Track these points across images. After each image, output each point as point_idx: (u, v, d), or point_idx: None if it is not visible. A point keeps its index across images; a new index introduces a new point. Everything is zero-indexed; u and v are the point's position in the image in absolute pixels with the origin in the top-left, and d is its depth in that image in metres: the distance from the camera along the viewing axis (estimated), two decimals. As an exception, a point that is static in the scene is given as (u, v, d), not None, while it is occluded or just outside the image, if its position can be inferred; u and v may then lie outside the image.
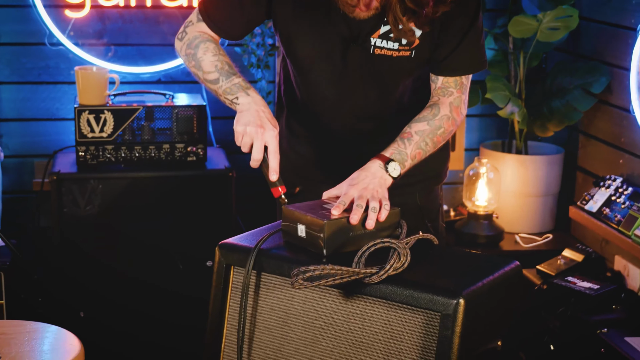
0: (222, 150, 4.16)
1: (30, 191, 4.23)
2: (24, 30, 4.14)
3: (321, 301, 2.22)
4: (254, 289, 2.30)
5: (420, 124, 2.49)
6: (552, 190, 4.23)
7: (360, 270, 2.13)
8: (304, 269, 2.11)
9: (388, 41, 2.48)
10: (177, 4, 4.18)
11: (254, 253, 2.27)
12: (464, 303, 2.04)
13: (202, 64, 2.50)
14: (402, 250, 2.17)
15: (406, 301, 2.11)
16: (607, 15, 3.98)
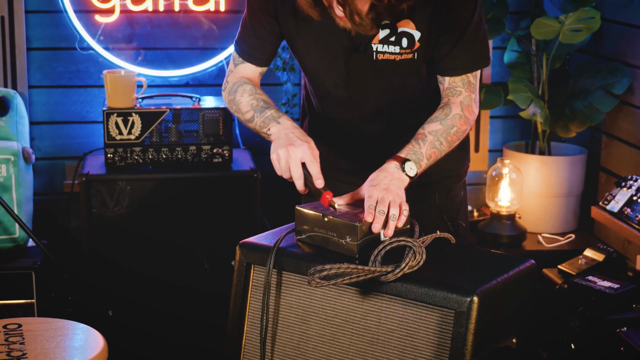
0: (248, 151, 4.17)
1: (61, 192, 4.26)
2: (55, 35, 4.17)
3: (339, 299, 2.24)
4: (274, 287, 2.33)
5: (433, 124, 2.49)
6: (575, 191, 4.22)
7: (377, 269, 2.16)
8: (320, 267, 2.13)
9: (389, 45, 2.49)
10: (205, 9, 4.20)
11: (273, 252, 2.30)
12: (477, 301, 2.06)
13: (240, 105, 2.58)
14: (418, 249, 2.19)
15: (421, 299, 2.12)
16: (629, 16, 3.97)
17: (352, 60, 2.53)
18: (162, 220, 3.86)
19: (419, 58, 2.52)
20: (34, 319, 2.65)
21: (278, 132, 2.44)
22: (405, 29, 2.48)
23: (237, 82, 2.64)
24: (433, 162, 2.49)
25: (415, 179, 2.41)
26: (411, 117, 2.59)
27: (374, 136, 2.68)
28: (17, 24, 4.10)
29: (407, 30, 2.48)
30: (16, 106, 3.96)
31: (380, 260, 2.18)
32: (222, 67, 4.28)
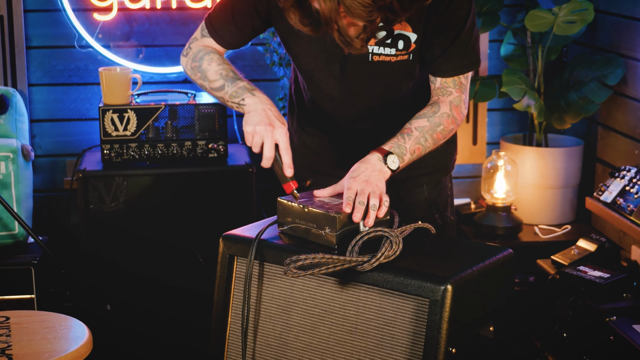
0: (244, 146, 4.19)
1: (62, 189, 4.30)
2: (54, 33, 4.20)
3: (318, 289, 2.26)
4: (256, 279, 2.35)
5: (420, 120, 2.51)
6: (572, 182, 4.22)
7: (353, 259, 2.17)
8: (295, 257, 2.15)
9: (385, 47, 2.49)
10: (202, 5, 4.23)
11: (254, 243, 2.32)
12: (451, 289, 2.08)
13: (207, 74, 2.56)
14: (394, 239, 2.21)
15: (397, 288, 2.14)
16: (623, 7, 3.97)
17: (348, 62, 2.54)
18: (158, 215, 3.88)
19: (413, 59, 2.53)
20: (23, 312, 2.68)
21: (254, 104, 2.43)
22: (402, 32, 2.48)
23: (202, 50, 2.61)
24: (416, 158, 2.50)
25: (397, 172, 2.43)
26: (402, 114, 2.60)
27: (364, 133, 2.69)
28: (16, 22, 4.13)
29: (404, 33, 2.48)
30: (15, 104, 3.99)
31: (358, 250, 2.20)
32: (219, 63, 4.30)
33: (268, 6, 2.55)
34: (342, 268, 2.17)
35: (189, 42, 2.66)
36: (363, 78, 2.57)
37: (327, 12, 2.16)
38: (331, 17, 2.17)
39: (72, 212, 4.22)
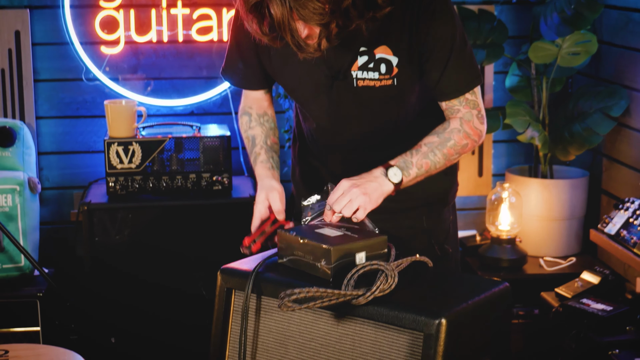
0: (250, 179, 4.20)
1: (69, 221, 4.31)
2: (62, 66, 4.23)
3: (315, 323, 2.26)
4: (254, 312, 2.34)
5: (429, 137, 2.52)
6: (578, 214, 4.21)
7: (347, 292, 2.17)
8: (290, 291, 2.15)
9: (368, 72, 2.50)
10: (208, 38, 4.26)
11: (252, 277, 2.33)
12: (446, 323, 2.07)
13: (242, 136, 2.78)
14: (390, 273, 2.21)
15: (392, 321, 2.14)
16: (626, 39, 3.98)
17: (334, 88, 2.56)
18: (163, 247, 3.89)
19: (398, 84, 2.53)
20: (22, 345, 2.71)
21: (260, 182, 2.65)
22: (383, 55, 2.49)
23: (240, 111, 2.77)
24: (426, 174, 2.51)
25: (400, 187, 2.44)
26: (398, 143, 2.60)
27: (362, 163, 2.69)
28: (25, 56, 4.16)
29: (385, 56, 2.49)
30: (23, 137, 4.01)
31: (353, 283, 2.21)
32: (225, 95, 4.32)
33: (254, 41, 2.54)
34: (338, 302, 2.17)
35: None
36: (350, 104, 2.58)
37: (280, 17, 2.20)
38: (284, 21, 2.21)
39: (79, 244, 4.23)
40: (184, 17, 4.23)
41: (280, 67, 2.60)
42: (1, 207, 3.83)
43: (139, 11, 4.22)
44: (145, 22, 4.23)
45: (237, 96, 4.28)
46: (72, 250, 4.26)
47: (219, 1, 4.23)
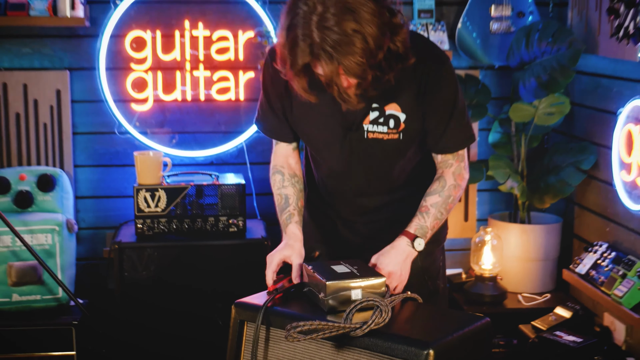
0: (262, 222, 4.20)
1: (101, 258, 4.31)
2: (97, 121, 4.25)
3: (318, 352, 2.25)
4: (263, 341, 2.34)
5: (433, 197, 2.55)
6: (552, 255, 4.21)
7: (346, 325, 2.18)
8: (295, 324, 2.16)
9: (378, 125, 2.53)
10: (227, 98, 4.28)
11: (262, 310, 2.33)
12: (433, 354, 2.07)
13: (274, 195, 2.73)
14: (384, 308, 2.22)
15: (385, 352, 2.14)
16: (595, 101, 4.00)
17: (348, 139, 2.57)
18: (184, 282, 3.88)
19: (404, 138, 2.55)
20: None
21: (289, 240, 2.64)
22: (392, 112, 2.51)
23: (272, 169, 2.74)
24: (436, 231, 2.57)
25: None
26: (395, 189, 2.65)
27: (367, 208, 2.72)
28: (64, 112, 4.19)
29: (394, 113, 2.51)
30: (62, 183, 4.04)
31: (352, 317, 2.21)
32: (241, 148, 4.33)
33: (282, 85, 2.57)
34: (338, 333, 2.18)
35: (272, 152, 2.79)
36: (360, 153, 2.59)
37: (329, 74, 2.25)
38: (332, 77, 2.25)
39: (110, 279, 4.23)
40: (205, 79, 4.26)
41: (300, 118, 2.61)
42: (42, 245, 3.85)
43: (166, 73, 4.25)
44: (171, 83, 4.26)
45: (252, 148, 4.32)
46: (105, 284, 4.27)
47: (236, 65, 4.26)
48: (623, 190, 3.63)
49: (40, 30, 4.17)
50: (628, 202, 3.60)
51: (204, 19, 4.24)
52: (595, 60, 3.95)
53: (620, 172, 3.64)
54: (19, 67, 4.18)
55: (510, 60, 4.09)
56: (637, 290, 3.35)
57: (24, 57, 4.19)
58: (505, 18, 4.24)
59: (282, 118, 2.65)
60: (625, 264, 3.50)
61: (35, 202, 3.98)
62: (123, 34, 4.21)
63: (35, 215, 3.91)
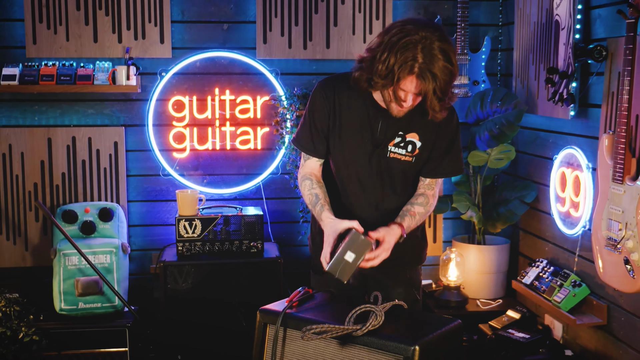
0: (276, 244, 4.17)
1: (149, 273, 4.28)
2: (146, 166, 4.24)
3: (327, 348, 2.24)
4: (282, 340, 2.32)
5: (419, 207, 2.55)
6: (502, 269, 4.19)
7: (349, 327, 2.16)
8: (309, 327, 2.15)
9: (399, 148, 2.53)
10: (247, 147, 4.27)
11: (281, 316, 2.31)
12: (418, 349, 2.06)
13: (304, 197, 2.64)
14: (379, 313, 2.20)
15: (380, 347, 2.12)
16: (535, 149, 4.00)
17: (375, 154, 2.55)
18: (216, 292, 3.84)
19: (415, 161, 2.55)
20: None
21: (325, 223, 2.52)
22: (412, 139, 2.53)
23: (302, 177, 2.66)
24: None
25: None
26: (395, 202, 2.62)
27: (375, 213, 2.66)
28: (120, 159, 4.18)
29: (413, 140, 2.53)
30: (118, 215, 4.02)
31: (353, 320, 2.19)
32: (259, 186, 4.31)
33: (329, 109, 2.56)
34: (342, 334, 2.16)
35: (299, 166, 2.72)
36: (381, 168, 2.57)
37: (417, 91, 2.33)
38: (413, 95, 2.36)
39: (155, 290, 4.20)
40: (230, 133, 4.26)
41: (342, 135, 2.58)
42: (102, 264, 3.82)
43: (200, 129, 4.24)
44: (204, 136, 4.25)
45: (267, 187, 4.31)
46: (151, 294, 4.23)
47: (255, 122, 4.26)
48: (559, 218, 3.62)
49: (102, 95, 4.17)
50: (563, 227, 3.59)
51: (230, 87, 4.24)
52: (534, 118, 3.96)
53: (556, 204, 3.64)
54: (85, 124, 4.17)
55: (469, 118, 4.10)
56: (572, 297, 3.33)
57: (89, 116, 4.18)
58: (463, 85, 4.25)
59: (321, 137, 2.60)
60: (562, 276, 3.48)
61: (97, 230, 3.96)
62: (167, 98, 4.20)
63: (97, 240, 3.89)
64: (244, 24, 4.22)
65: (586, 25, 3.31)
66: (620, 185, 2.77)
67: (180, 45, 4.19)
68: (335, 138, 2.60)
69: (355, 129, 2.55)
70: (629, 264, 2.73)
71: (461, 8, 4.15)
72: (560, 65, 3.40)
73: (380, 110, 2.51)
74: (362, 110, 2.52)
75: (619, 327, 3.19)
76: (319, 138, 2.62)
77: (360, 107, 2.52)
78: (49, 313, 3.81)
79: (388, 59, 2.29)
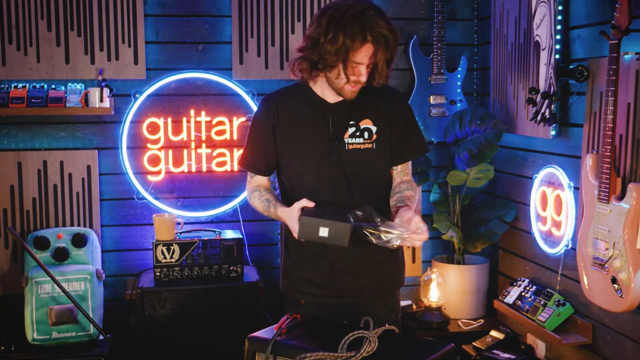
0: (254, 267, 4.12)
1: (123, 299, 4.20)
2: (120, 189, 4.18)
3: (318, 376, 2.21)
4: (272, 368, 2.29)
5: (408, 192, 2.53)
6: (482, 289, 4.19)
7: (343, 354, 2.13)
8: (304, 355, 2.11)
9: (356, 138, 2.51)
10: (224, 170, 4.23)
11: (271, 343, 2.27)
12: (415, 375, 2.04)
13: (256, 208, 2.63)
14: (372, 339, 2.17)
15: (376, 375, 2.10)
16: (514, 169, 4.03)
17: (333, 151, 2.52)
18: (194, 318, 3.79)
19: (377, 146, 2.53)
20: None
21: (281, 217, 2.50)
22: (366, 125, 2.51)
23: (250, 191, 2.66)
24: None
25: None
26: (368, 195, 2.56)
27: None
28: (93, 182, 4.11)
29: (368, 126, 2.51)
30: (92, 240, 3.95)
31: (346, 347, 2.16)
32: (235, 209, 4.27)
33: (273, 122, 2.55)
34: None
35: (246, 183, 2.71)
36: (343, 162, 2.53)
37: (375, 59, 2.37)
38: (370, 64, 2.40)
39: (131, 316, 4.12)
40: (206, 155, 4.22)
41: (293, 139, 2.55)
42: (76, 291, 3.74)
43: (175, 151, 4.20)
44: (179, 158, 4.20)
45: (244, 209, 4.27)
46: (127, 321, 4.15)
47: (231, 143, 4.22)
48: (540, 237, 3.64)
49: (74, 118, 4.10)
50: (544, 246, 3.60)
51: (206, 108, 4.21)
52: (512, 137, 3.99)
53: (537, 223, 3.65)
54: (57, 147, 4.10)
55: (447, 137, 4.11)
56: (556, 316, 3.34)
57: (61, 140, 4.11)
58: (441, 105, 4.27)
59: (263, 154, 2.58)
60: (545, 295, 3.49)
61: (70, 256, 3.88)
62: (141, 120, 4.15)
63: (71, 267, 3.80)
64: (219, 44, 4.19)
65: (565, 45, 3.34)
66: (606, 205, 2.79)
67: (154, 67, 4.15)
68: (286, 148, 2.58)
69: (307, 131, 2.53)
70: (617, 283, 2.75)
71: (437, 28, 4.18)
72: (541, 85, 3.43)
73: (327, 106, 2.52)
74: (310, 111, 2.53)
75: (604, 346, 3.21)
76: (260, 156, 2.61)
77: (306, 109, 2.53)
78: (20, 343, 3.70)
79: (336, 36, 2.34)
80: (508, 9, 3.83)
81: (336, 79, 2.44)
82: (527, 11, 3.60)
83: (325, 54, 2.37)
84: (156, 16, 4.13)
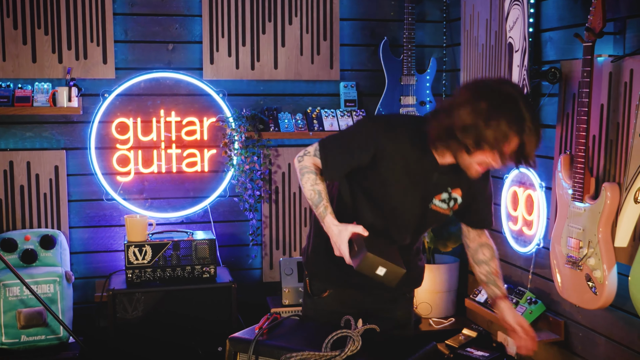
0: (226, 268, 4.10)
1: (92, 302, 4.13)
2: (88, 190, 4.12)
3: (301, 376, 2.21)
4: (254, 369, 2.28)
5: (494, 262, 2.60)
6: (452, 287, 4.23)
7: (327, 353, 2.13)
8: (289, 355, 2.11)
9: (442, 202, 2.46)
10: (194, 170, 4.21)
11: (253, 344, 2.26)
12: (400, 374, 2.05)
13: (304, 189, 2.45)
14: (356, 338, 2.18)
15: (360, 374, 2.11)
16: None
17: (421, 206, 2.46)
18: (167, 320, 3.76)
19: (451, 215, 2.53)
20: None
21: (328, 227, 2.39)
22: (456, 195, 2.47)
23: (306, 167, 2.46)
24: None
25: None
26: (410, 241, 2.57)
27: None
28: (62, 183, 4.05)
29: (456, 196, 2.47)
30: (60, 242, 3.89)
31: (330, 346, 2.16)
32: (206, 209, 4.25)
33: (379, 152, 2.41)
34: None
35: (305, 151, 2.49)
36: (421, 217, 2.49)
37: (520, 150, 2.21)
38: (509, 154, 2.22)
39: (101, 319, 4.06)
40: (177, 155, 4.18)
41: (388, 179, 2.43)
42: (45, 294, 3.68)
43: (145, 151, 4.15)
44: (149, 159, 4.16)
45: (214, 210, 4.24)
46: (96, 323, 4.09)
47: (202, 144, 4.20)
48: (510, 236, 3.69)
49: (41, 117, 4.03)
50: (515, 245, 3.65)
51: (176, 108, 4.17)
52: (482, 137, 4.02)
53: (508, 222, 3.70)
54: (23, 147, 4.02)
55: (418, 138, 4.13)
56: (528, 314, 3.38)
57: (28, 140, 4.03)
58: (410, 106, 4.30)
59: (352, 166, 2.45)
60: (517, 293, 3.53)
61: (39, 258, 3.81)
62: (110, 120, 4.10)
63: (39, 269, 3.74)
64: (189, 44, 4.16)
65: (536, 47, 3.39)
66: (580, 204, 2.84)
67: (123, 66, 4.10)
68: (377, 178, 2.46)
69: (404, 177, 2.43)
70: (591, 281, 2.79)
71: (407, 29, 4.21)
72: (512, 86, 3.46)
73: (436, 165, 2.41)
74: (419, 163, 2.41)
75: (577, 343, 3.26)
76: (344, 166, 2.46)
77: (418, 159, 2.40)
78: (-12, 347, 3.63)
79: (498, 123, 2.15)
80: (479, 11, 3.87)
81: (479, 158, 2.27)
82: (499, 13, 3.64)
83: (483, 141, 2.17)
84: (125, 15, 4.09)
